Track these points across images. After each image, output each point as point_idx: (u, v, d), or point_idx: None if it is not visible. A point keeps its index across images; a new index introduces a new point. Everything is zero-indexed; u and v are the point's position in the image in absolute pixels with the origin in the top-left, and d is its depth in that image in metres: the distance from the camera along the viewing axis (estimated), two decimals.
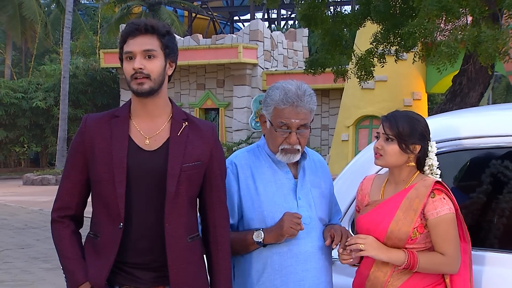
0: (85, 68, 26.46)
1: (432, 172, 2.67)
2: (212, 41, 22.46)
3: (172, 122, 2.50)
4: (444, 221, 2.54)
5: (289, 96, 2.63)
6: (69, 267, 2.46)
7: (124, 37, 2.45)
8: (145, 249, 2.44)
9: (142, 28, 2.42)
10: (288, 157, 2.68)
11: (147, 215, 2.44)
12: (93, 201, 2.51)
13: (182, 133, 2.49)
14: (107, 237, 2.43)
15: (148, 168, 2.44)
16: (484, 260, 2.70)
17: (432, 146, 2.66)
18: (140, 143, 2.46)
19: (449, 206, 2.56)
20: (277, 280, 2.64)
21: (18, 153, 27.00)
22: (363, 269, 2.71)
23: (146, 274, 2.45)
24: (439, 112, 8.85)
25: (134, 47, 2.42)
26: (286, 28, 34.14)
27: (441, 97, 21.01)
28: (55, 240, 2.52)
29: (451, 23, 7.70)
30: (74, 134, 2.54)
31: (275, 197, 2.68)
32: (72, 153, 2.51)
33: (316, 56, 10.28)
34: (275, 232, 2.60)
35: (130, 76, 2.42)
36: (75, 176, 2.49)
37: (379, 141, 2.66)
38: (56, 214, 2.52)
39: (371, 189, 2.76)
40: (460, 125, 2.93)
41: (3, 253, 9.82)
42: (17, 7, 29.29)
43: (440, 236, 2.55)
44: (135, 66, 2.40)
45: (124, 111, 2.51)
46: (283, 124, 2.64)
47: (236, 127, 22.14)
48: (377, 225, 2.63)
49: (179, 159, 2.45)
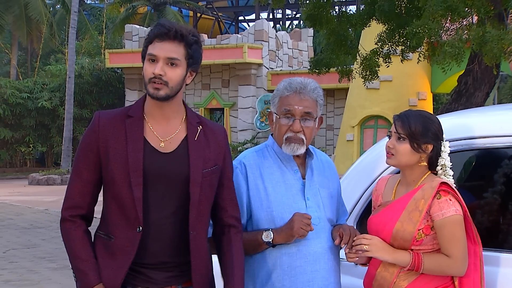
0: (91, 68, 26.50)
1: (445, 173, 2.64)
2: (217, 41, 22.47)
3: (188, 125, 2.49)
4: (450, 223, 2.52)
5: (293, 84, 2.68)
6: (82, 268, 2.42)
7: (152, 37, 2.40)
8: (160, 251, 2.44)
9: (171, 34, 2.38)
10: (292, 148, 2.66)
11: (163, 218, 2.43)
12: (107, 201, 2.47)
13: (198, 138, 2.48)
14: (124, 239, 2.41)
15: (164, 170, 2.42)
16: (499, 261, 2.69)
17: (445, 146, 2.64)
18: (155, 145, 2.44)
19: (455, 208, 2.54)
20: (286, 280, 2.64)
21: (23, 153, 27.06)
22: (371, 269, 2.71)
23: (159, 274, 2.45)
24: (444, 112, 8.84)
25: (160, 51, 2.38)
26: (291, 28, 34.13)
27: (446, 97, 20.97)
28: (65, 240, 2.47)
29: (457, 23, 7.69)
30: (85, 131, 2.48)
31: (284, 198, 2.68)
32: (84, 152, 2.45)
33: (321, 56, 10.28)
34: (285, 232, 2.60)
35: (148, 79, 2.39)
36: (88, 176, 2.44)
37: (391, 140, 2.65)
38: (67, 213, 2.46)
39: (385, 189, 2.76)
40: (466, 125, 2.93)
41: (9, 253, 9.85)
42: (23, 8, 29.36)
43: (446, 238, 2.53)
44: (155, 71, 2.37)
45: (137, 111, 2.47)
46: (287, 111, 2.65)
47: (241, 127, 22.14)
48: (385, 225, 2.63)
49: (199, 165, 2.44)
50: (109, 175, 2.41)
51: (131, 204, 2.38)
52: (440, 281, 2.58)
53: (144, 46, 2.44)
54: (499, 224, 2.86)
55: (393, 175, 2.83)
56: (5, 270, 8.60)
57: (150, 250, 2.42)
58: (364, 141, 18.01)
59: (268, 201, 2.67)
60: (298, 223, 2.58)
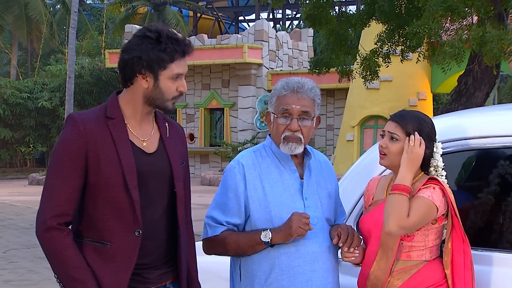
0: (91, 68, 26.50)
1: (437, 173, 2.65)
2: (217, 41, 22.47)
3: (159, 123, 2.54)
4: (419, 200, 2.53)
5: (290, 83, 2.69)
6: (78, 276, 2.32)
7: (172, 56, 2.40)
8: (152, 250, 2.45)
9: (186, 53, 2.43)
10: (290, 147, 2.66)
11: (154, 217, 2.45)
12: (97, 207, 2.38)
13: (170, 135, 2.54)
14: (121, 243, 2.37)
15: (154, 170, 2.44)
16: (491, 261, 2.69)
17: (437, 147, 2.65)
18: (140, 146, 2.45)
19: (431, 194, 2.54)
20: (285, 280, 2.64)
21: (23, 153, 27.06)
22: (365, 269, 2.71)
23: (152, 273, 2.47)
24: (444, 112, 8.84)
25: (184, 68, 2.44)
26: (291, 28, 34.13)
27: (446, 97, 20.98)
28: (53, 249, 2.34)
29: (457, 23, 7.70)
30: (65, 134, 2.40)
31: (282, 198, 2.68)
32: (71, 157, 2.35)
33: (320, 56, 10.29)
34: (283, 232, 2.60)
35: (172, 97, 2.45)
36: (75, 181, 2.35)
37: (384, 140, 2.66)
38: (55, 222, 2.33)
39: (376, 189, 2.77)
40: (466, 125, 2.92)
41: (9, 253, 9.85)
42: (23, 8, 29.35)
43: (411, 208, 2.53)
44: (180, 89, 2.44)
45: (116, 112, 2.44)
46: (285, 110, 2.66)
47: (241, 127, 22.15)
48: (376, 223, 2.64)
49: (178, 161, 2.51)
50: (101, 179, 2.36)
51: (129, 207, 2.37)
52: (433, 279, 2.58)
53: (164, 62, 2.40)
54: (501, 224, 2.86)
55: (384, 175, 2.84)
56: (5, 270, 8.60)
57: (146, 250, 2.43)
58: (364, 141, 18.02)
59: (266, 201, 2.67)
60: (297, 222, 2.58)
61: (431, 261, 2.61)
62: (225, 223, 2.67)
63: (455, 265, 2.58)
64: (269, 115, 2.75)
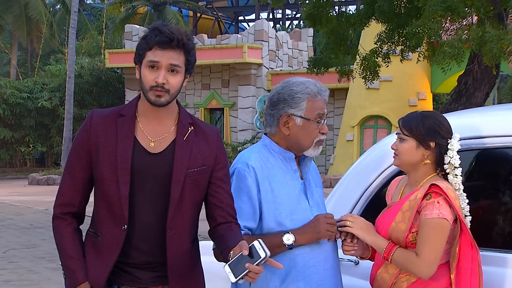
0: (90, 68, 26.52)
1: (452, 172, 2.61)
2: (217, 41, 22.48)
3: (179, 126, 2.50)
4: (428, 225, 2.52)
5: (319, 88, 2.68)
6: (70, 265, 2.45)
7: (151, 44, 2.39)
8: (146, 250, 2.45)
9: (174, 44, 2.38)
10: (318, 150, 2.70)
11: (149, 217, 2.44)
12: (96, 199, 2.49)
13: (188, 138, 2.49)
14: (109, 237, 2.43)
15: (152, 170, 2.44)
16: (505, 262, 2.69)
17: (453, 144, 2.62)
18: (145, 145, 2.45)
19: (439, 211, 2.52)
20: (301, 281, 2.61)
21: (23, 153, 27.06)
22: (373, 270, 2.73)
23: (146, 274, 2.46)
24: (444, 112, 8.83)
25: (162, 59, 2.38)
26: (291, 28, 34.13)
27: (446, 97, 20.98)
28: (56, 237, 2.49)
29: (457, 23, 7.70)
30: (78, 129, 2.53)
31: (290, 199, 2.66)
32: (77, 150, 2.48)
33: (319, 56, 10.29)
34: (309, 234, 2.58)
35: (150, 86, 2.40)
36: (79, 173, 2.47)
37: (395, 142, 2.70)
38: (58, 210, 2.50)
39: (395, 190, 2.79)
40: (466, 125, 2.93)
41: (9, 253, 9.85)
42: (23, 7, 29.36)
43: (421, 238, 2.53)
44: (159, 80, 2.38)
45: (130, 110, 2.49)
46: (322, 114, 2.67)
47: (241, 127, 22.15)
48: (384, 225, 2.65)
49: (184, 164, 2.45)
50: (98, 173, 2.44)
51: (118, 202, 2.41)
52: (439, 284, 2.57)
53: (141, 50, 2.42)
54: (503, 224, 2.86)
55: (405, 176, 2.83)
56: (5, 270, 8.60)
57: (136, 249, 2.43)
58: (364, 141, 18.03)
59: (276, 203, 2.64)
60: (324, 225, 2.58)
61: (439, 266, 2.58)
62: (243, 227, 2.58)
63: (461, 270, 2.56)
64: (287, 117, 2.67)
